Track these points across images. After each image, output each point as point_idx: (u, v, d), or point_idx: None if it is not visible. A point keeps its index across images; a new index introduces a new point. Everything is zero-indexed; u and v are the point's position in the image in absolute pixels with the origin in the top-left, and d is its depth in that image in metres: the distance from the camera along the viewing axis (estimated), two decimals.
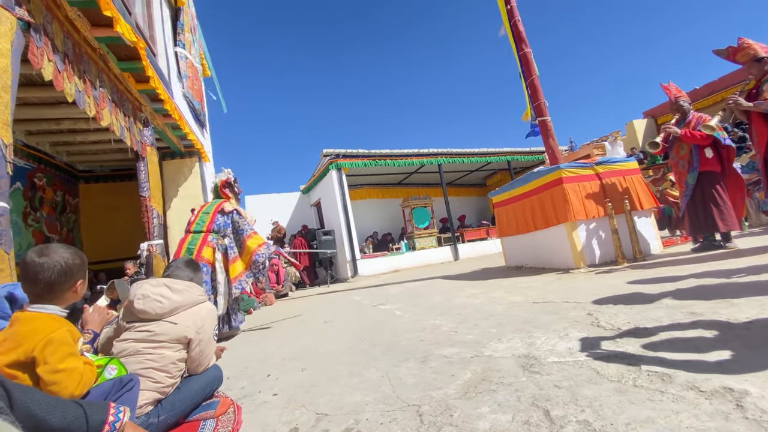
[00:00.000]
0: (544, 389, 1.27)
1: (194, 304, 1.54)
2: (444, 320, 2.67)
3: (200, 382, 1.53)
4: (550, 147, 4.91)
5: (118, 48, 3.88)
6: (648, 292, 2.37)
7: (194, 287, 1.58)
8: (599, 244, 4.23)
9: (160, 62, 5.80)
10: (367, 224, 12.58)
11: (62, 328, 1.13)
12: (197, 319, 1.51)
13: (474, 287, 4.08)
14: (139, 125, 4.50)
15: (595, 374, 1.31)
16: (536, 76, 5.00)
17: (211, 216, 3.56)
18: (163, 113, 5.22)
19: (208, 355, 1.56)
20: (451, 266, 8.46)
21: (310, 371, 2.01)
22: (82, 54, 3.34)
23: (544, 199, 4.54)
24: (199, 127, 7.57)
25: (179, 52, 6.76)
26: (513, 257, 5.55)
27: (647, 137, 12.65)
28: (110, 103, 3.77)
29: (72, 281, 1.20)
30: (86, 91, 3.31)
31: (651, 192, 4.65)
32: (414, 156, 10.71)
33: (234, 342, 3.43)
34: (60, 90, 2.95)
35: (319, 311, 4.46)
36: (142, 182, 4.46)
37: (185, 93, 6.79)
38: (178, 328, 1.45)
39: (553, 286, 3.28)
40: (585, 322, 1.96)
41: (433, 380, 1.55)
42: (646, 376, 1.22)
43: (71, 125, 5.22)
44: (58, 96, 4.44)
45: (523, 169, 14.05)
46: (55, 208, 6.67)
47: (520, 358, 1.61)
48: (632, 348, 1.49)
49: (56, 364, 1.07)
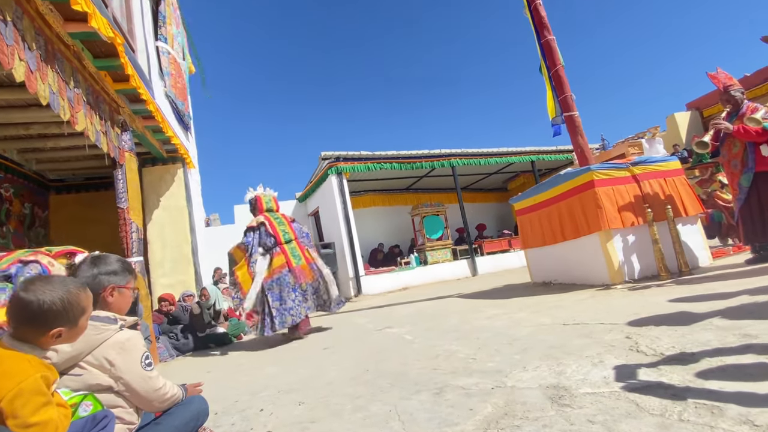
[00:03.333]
0: (575, 425, 1.27)
1: (93, 347, 1.34)
2: (460, 346, 2.66)
3: (182, 417, 1.54)
4: (579, 146, 4.91)
5: (94, 44, 3.99)
6: (695, 311, 2.35)
7: (91, 328, 1.33)
8: (638, 256, 4.20)
9: (140, 59, 5.95)
10: (372, 235, 12.60)
11: (35, 375, 1.11)
12: (103, 363, 1.34)
13: (495, 307, 4.07)
14: (116, 129, 4.60)
15: (634, 407, 1.31)
16: (561, 65, 5.03)
17: (289, 226, 4.78)
18: (143, 115, 5.33)
19: (146, 394, 1.40)
20: (468, 283, 8.42)
21: (309, 405, 2.02)
22: (55, 52, 3.45)
23: (573, 205, 4.53)
24: (183, 130, 7.70)
25: (161, 47, 6.93)
26: (539, 272, 5.52)
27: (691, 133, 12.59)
28: (85, 105, 3.87)
29: (45, 328, 1.16)
30: (60, 93, 3.41)
31: (697, 196, 4.62)
32: (424, 158, 10.76)
33: (224, 372, 3.45)
34: (33, 92, 3.03)
35: (318, 336, 4.47)
36: (120, 192, 4.53)
37: (167, 92, 6.93)
38: (85, 379, 1.33)
39: (585, 305, 3.26)
40: (623, 347, 1.95)
41: (449, 415, 1.55)
42: (693, 409, 1.21)
43: (42, 130, 5.33)
44: (27, 98, 4.55)
45: (549, 170, 14.03)
46: (23, 222, 6.80)
47: (548, 389, 1.61)
48: (677, 377, 1.48)
49: (27, 417, 1.05)
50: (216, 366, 3.82)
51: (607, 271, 4.12)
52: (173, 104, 7.15)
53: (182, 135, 7.48)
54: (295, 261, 4.56)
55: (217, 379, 3.17)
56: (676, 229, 4.08)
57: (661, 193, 4.38)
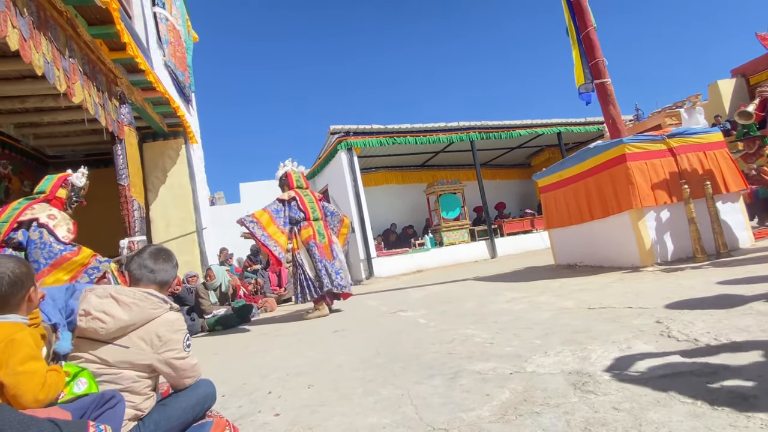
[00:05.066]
0: (599, 412, 1.27)
1: (147, 320, 1.50)
2: (477, 330, 2.68)
3: (189, 400, 1.59)
4: (610, 116, 4.78)
5: (88, 10, 3.98)
6: (734, 295, 2.31)
7: (145, 298, 1.52)
8: (672, 236, 4.13)
9: (137, 26, 5.92)
10: (384, 215, 12.61)
11: (23, 331, 1.28)
12: (153, 338, 1.49)
13: (515, 290, 4.06)
14: (114, 102, 4.63)
15: (663, 395, 1.30)
16: (592, 27, 4.85)
17: (317, 203, 5.10)
18: (142, 86, 5.34)
19: (185, 371, 1.57)
20: (486, 265, 8.41)
21: (318, 388, 2.06)
22: (48, 19, 3.45)
23: (602, 182, 4.45)
24: (184, 103, 7.71)
25: (158, 13, 6.88)
26: (564, 254, 5.49)
27: (736, 102, 12.11)
28: (81, 76, 3.89)
29: (24, 291, 1.35)
30: (55, 63, 3.42)
31: (740, 171, 4.49)
32: (440, 131, 10.62)
33: (230, 354, 3.54)
34: (28, 62, 3.05)
35: (328, 318, 4.54)
36: (120, 169, 4.59)
37: (167, 62, 6.92)
38: (130, 353, 1.45)
39: (613, 289, 3.24)
40: (653, 332, 1.93)
41: (464, 400, 1.56)
42: (728, 398, 1.20)
43: (38, 103, 5.41)
44: (21, 69, 4.60)
45: (577, 144, 13.72)
46: None
47: (570, 375, 1.61)
48: (711, 363, 1.46)
49: (16, 366, 1.20)
50: (223, 348, 3.93)
51: (638, 252, 4.07)
52: (173, 74, 7.15)
53: (184, 107, 7.49)
54: (320, 238, 4.95)
55: (224, 362, 3.26)
56: (716, 207, 3.98)
57: (700, 168, 4.26)
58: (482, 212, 11.51)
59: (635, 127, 5.04)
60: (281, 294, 7.94)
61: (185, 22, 8.64)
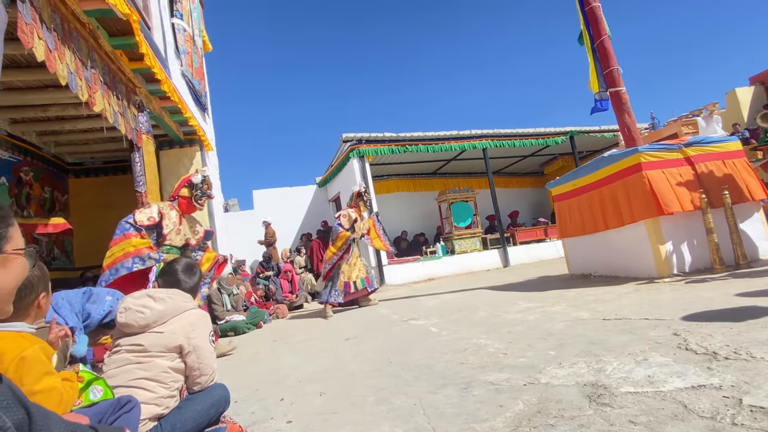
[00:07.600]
0: (615, 425, 1.25)
1: (180, 311, 1.71)
2: (490, 339, 2.66)
3: (204, 403, 1.62)
4: (625, 125, 4.74)
5: (109, 22, 4.10)
6: (754, 307, 2.26)
7: (177, 294, 1.76)
8: (689, 246, 4.06)
9: (155, 36, 6.06)
10: (396, 223, 12.62)
11: (33, 346, 1.20)
12: (185, 324, 1.67)
13: (528, 300, 4.03)
14: (133, 110, 4.74)
15: (681, 408, 1.28)
16: (607, 36, 4.84)
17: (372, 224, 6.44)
18: (159, 95, 5.46)
19: (207, 363, 1.69)
20: (499, 274, 8.35)
21: (330, 396, 2.07)
22: (71, 30, 3.56)
23: (617, 191, 4.40)
24: (200, 111, 7.86)
25: (176, 24, 7.04)
26: (578, 263, 5.43)
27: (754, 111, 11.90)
28: (102, 86, 3.99)
29: (33, 294, 1.33)
30: (77, 73, 3.53)
31: (760, 180, 4.41)
32: (453, 139, 10.62)
33: (243, 361, 3.56)
34: (53, 72, 3.15)
35: (340, 326, 4.55)
36: (138, 176, 4.69)
37: (183, 71, 7.06)
38: (165, 337, 1.61)
39: (629, 299, 3.19)
40: (670, 344, 1.90)
41: (477, 411, 1.55)
42: (749, 413, 1.18)
43: (59, 111, 5.56)
44: (44, 79, 4.74)
45: (591, 152, 13.60)
46: (43, 206, 7.14)
47: (585, 387, 1.59)
48: (730, 377, 1.43)
49: (32, 385, 1.13)
50: (235, 354, 3.95)
51: (654, 262, 4.01)
52: (189, 84, 7.29)
53: (199, 116, 7.63)
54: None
55: (236, 367, 3.28)
56: (734, 217, 3.91)
57: (719, 177, 4.20)
58: (495, 220, 11.44)
59: (651, 136, 4.99)
60: (293, 300, 7.97)
61: (201, 32, 8.83)
